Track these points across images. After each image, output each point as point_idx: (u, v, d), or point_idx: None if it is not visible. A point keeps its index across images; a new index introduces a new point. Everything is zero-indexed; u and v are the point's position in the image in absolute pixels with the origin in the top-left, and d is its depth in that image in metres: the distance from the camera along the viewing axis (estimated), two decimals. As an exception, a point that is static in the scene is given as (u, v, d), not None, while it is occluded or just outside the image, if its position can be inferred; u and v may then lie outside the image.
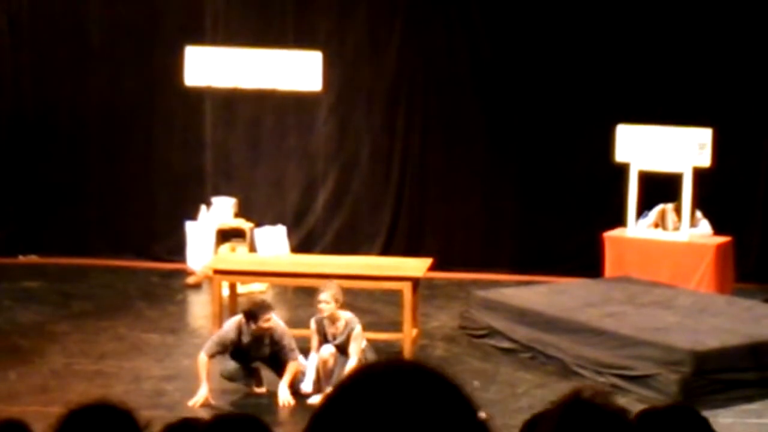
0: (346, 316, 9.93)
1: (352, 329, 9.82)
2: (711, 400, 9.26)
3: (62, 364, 10.60)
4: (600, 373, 10.33)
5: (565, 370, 10.63)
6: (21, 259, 14.71)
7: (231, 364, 9.83)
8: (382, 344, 10.90)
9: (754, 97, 13.93)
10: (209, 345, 9.71)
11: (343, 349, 9.80)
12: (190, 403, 9.50)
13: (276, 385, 9.72)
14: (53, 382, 10.09)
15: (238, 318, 9.83)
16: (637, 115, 13.35)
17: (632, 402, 9.09)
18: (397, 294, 11.11)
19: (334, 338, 9.85)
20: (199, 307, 12.97)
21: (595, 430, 3.37)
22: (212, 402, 9.56)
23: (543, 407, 5.99)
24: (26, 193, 14.79)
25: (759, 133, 14.00)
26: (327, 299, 9.82)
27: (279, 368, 9.77)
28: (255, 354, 9.77)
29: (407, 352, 10.83)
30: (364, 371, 1.79)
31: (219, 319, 11.12)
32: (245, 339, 9.70)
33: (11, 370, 10.31)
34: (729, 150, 13.38)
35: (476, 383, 10.36)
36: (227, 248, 13.77)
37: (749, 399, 9.40)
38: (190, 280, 13.70)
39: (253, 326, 9.66)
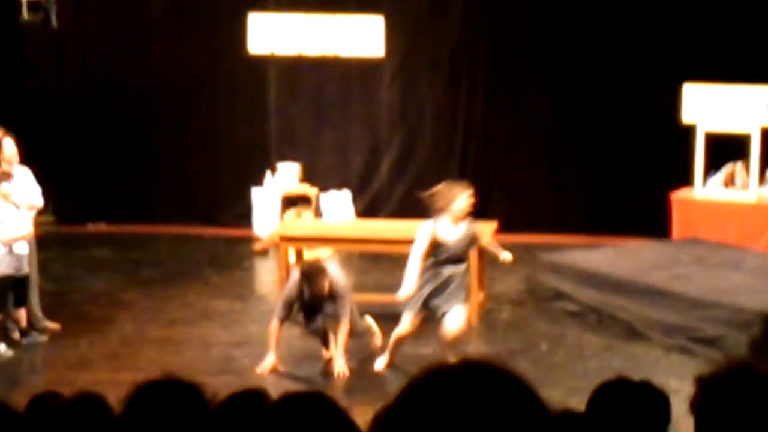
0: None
1: (475, 236, 9.41)
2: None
3: (132, 331, 10.72)
4: (668, 336, 10.28)
5: (632, 333, 10.58)
6: (90, 227, 14.87)
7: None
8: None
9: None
10: (278, 309, 9.69)
11: (457, 258, 9.33)
12: (259, 370, 9.56)
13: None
14: (123, 349, 10.21)
15: (297, 276, 9.74)
16: (704, 74, 13.17)
17: (701, 364, 9.04)
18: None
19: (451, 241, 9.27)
20: (266, 274, 13.05)
21: (755, 402, 3.35)
22: (280, 369, 9.61)
23: (610, 371, 5.94)
24: (94, 162, 14.93)
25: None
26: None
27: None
28: (316, 309, 9.61)
29: (474, 315, 10.82)
30: (434, 372, 1.77)
31: (285, 284, 11.18)
32: (306, 295, 9.55)
33: (82, 338, 10.45)
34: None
35: (543, 347, 10.34)
36: (293, 214, 13.83)
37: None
38: (257, 246, 13.78)
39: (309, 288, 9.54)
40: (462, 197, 9.33)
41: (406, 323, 9.35)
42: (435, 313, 9.25)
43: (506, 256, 9.56)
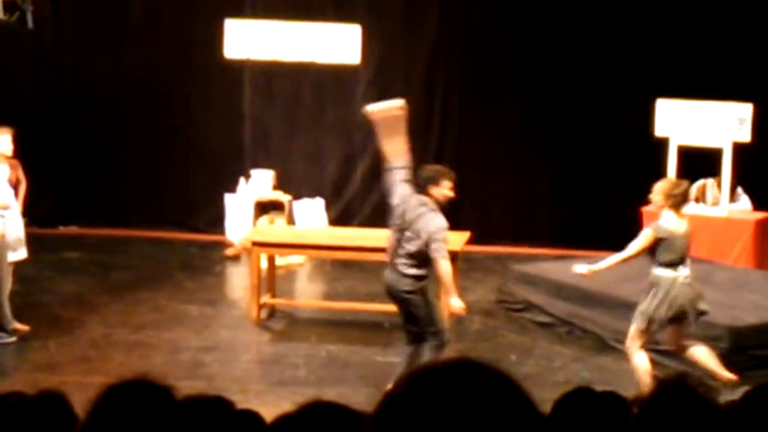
0: (665, 216, 9.09)
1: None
2: (748, 376, 9.20)
3: (101, 334, 10.68)
4: (637, 348, 10.29)
5: (602, 345, 10.61)
6: (61, 230, 14.81)
7: None
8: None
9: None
10: (443, 246, 8.72)
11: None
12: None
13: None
14: (93, 352, 10.16)
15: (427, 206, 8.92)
16: (676, 90, 13.25)
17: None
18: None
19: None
20: (238, 279, 13.02)
21: (687, 415, 3.40)
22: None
23: (579, 381, 5.96)
24: (66, 164, 14.87)
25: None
26: (656, 191, 9.18)
27: None
28: None
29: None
30: (425, 370, 1.78)
31: (257, 290, 11.17)
32: None
33: (51, 340, 10.39)
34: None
35: (513, 357, 10.36)
36: (266, 220, 13.81)
37: (787, 375, 9.32)
38: (229, 251, 13.75)
39: (434, 195, 8.83)
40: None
41: None
42: None
43: None
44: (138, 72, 14.72)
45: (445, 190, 8.99)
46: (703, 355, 9.14)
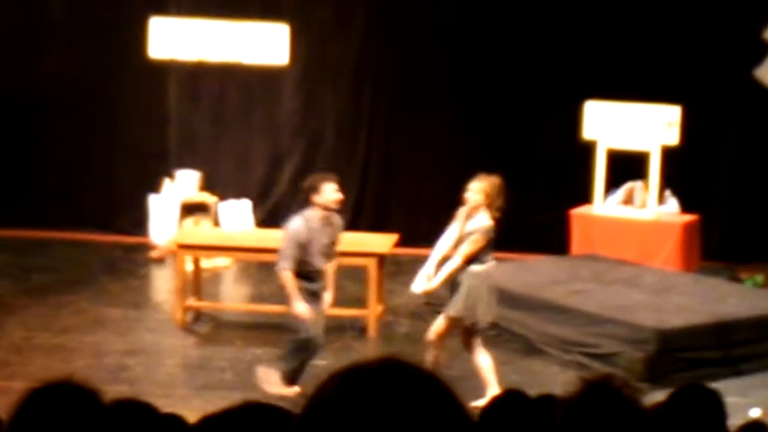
0: (483, 217, 9.35)
1: (474, 233, 9.31)
2: (675, 378, 9.34)
3: (22, 338, 10.58)
4: (565, 351, 10.41)
5: (530, 348, 10.70)
6: (-20, 231, 14.63)
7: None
8: (347, 320, 10.94)
9: (721, 75, 14.00)
10: (286, 256, 9.15)
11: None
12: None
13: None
14: (13, 356, 10.07)
15: (297, 216, 9.36)
16: (605, 92, 13.40)
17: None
18: (362, 270, 11.15)
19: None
20: (163, 282, 12.97)
21: (612, 416, 3.46)
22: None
23: (507, 385, 6.02)
24: (-14, 164, 14.70)
25: (726, 112, 14.09)
26: (476, 189, 9.35)
27: None
28: (324, 246, 9.27)
29: (372, 328, 10.89)
30: (352, 371, 1.79)
31: (182, 293, 11.13)
32: (314, 232, 9.19)
33: (-30, 345, 10.29)
34: (697, 128, 13.45)
35: (441, 360, 10.40)
36: (191, 222, 13.75)
37: (713, 377, 9.46)
38: (154, 254, 13.68)
39: (318, 204, 9.21)
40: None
41: None
42: None
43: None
44: (60, 70, 14.57)
45: (328, 194, 9.17)
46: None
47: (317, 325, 9.26)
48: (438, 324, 9.38)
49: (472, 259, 9.20)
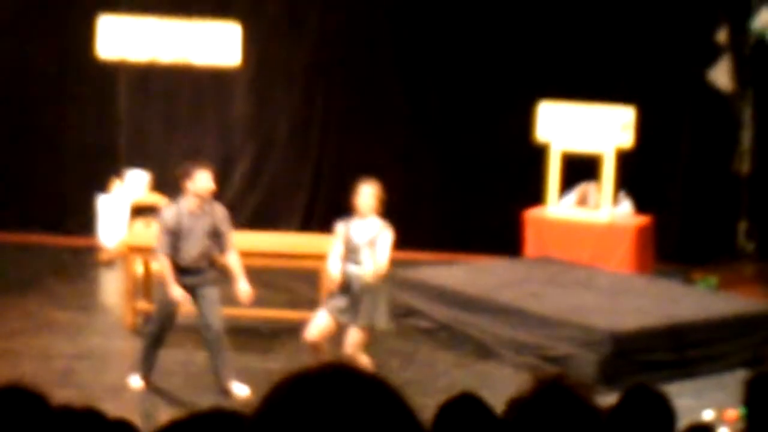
0: (377, 221, 9.38)
1: (380, 233, 9.30)
2: (628, 381, 9.38)
3: (-31, 342, 10.49)
4: (519, 353, 10.44)
5: (483, 350, 10.72)
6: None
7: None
8: (299, 323, 10.92)
9: (675, 77, 14.12)
10: (159, 242, 9.37)
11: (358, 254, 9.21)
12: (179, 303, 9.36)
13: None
14: (-41, 360, 9.98)
15: (172, 203, 9.59)
16: (558, 93, 13.46)
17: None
18: (315, 272, 11.13)
19: (359, 238, 9.27)
20: (112, 285, 12.89)
21: (567, 416, 3.48)
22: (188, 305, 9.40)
23: (461, 387, 6.05)
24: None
25: (679, 113, 14.21)
26: (368, 193, 9.34)
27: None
28: (197, 237, 9.32)
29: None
30: (297, 377, 1.79)
31: (132, 296, 11.08)
32: (185, 220, 9.28)
33: None
34: (651, 129, 13.55)
35: (395, 363, 10.42)
36: (142, 224, 13.68)
37: (667, 380, 9.54)
38: (103, 256, 13.60)
39: (190, 191, 9.28)
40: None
41: None
42: None
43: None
44: (6, 70, 14.46)
45: (200, 182, 9.20)
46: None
47: (208, 314, 9.35)
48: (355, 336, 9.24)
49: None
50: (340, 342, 9.32)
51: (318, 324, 9.25)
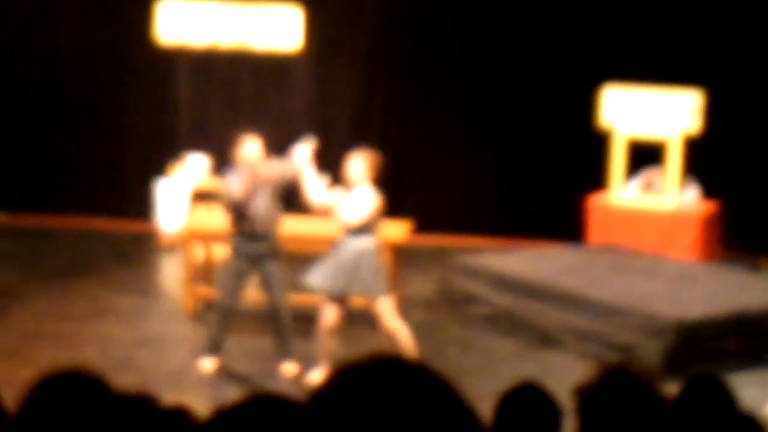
0: (367, 189, 9.46)
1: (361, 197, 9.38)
2: (694, 369, 9.34)
3: (30, 326, 10.62)
4: (582, 342, 10.42)
5: (545, 339, 10.71)
6: (-12, 218, 14.68)
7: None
8: (359, 310, 10.95)
9: (746, 60, 13.97)
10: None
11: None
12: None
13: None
14: (21, 344, 10.11)
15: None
16: (623, 77, 13.38)
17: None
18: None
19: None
20: (172, 270, 12.99)
21: (633, 404, 3.48)
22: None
23: (523, 376, 6.04)
24: (-6, 150, 14.75)
25: (749, 98, 14.06)
26: (355, 163, 9.43)
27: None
28: (259, 202, 9.62)
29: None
30: (346, 371, 1.82)
31: (192, 282, 11.16)
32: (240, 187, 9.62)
33: (-22, 333, 10.34)
34: (719, 114, 13.42)
35: (455, 350, 10.44)
36: (202, 209, 13.76)
37: (732, 369, 9.47)
38: (164, 241, 13.71)
39: (240, 159, 9.64)
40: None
41: None
42: None
43: None
44: (69, 56, 14.60)
45: (247, 150, 9.98)
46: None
47: (274, 295, 9.73)
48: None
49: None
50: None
51: (330, 314, 9.33)
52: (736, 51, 13.92)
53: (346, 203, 9.33)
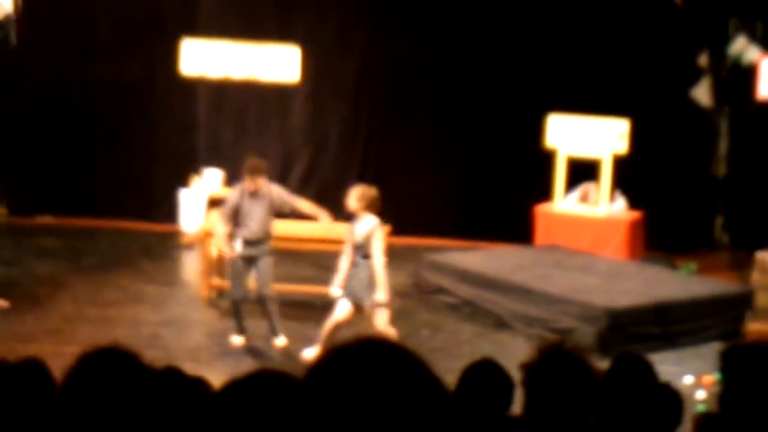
0: (369, 218, 9.08)
1: (372, 231, 9.03)
2: (621, 350, 9.37)
3: (72, 310, 10.59)
4: (529, 326, 10.43)
5: (500, 323, 10.72)
6: (38, 219, 14.64)
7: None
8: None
9: (663, 94, 14.04)
10: (222, 216, 9.75)
11: (362, 250, 9.06)
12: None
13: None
14: (64, 325, 10.09)
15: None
16: (565, 106, 13.45)
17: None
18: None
19: (357, 236, 9.08)
20: (191, 264, 12.97)
21: (568, 377, 3.49)
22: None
23: (481, 354, 6.04)
24: (43, 160, 14.71)
25: (666, 125, 14.14)
26: (352, 196, 9.13)
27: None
28: (256, 215, 9.53)
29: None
30: (338, 348, 1.82)
31: (207, 274, 11.15)
32: (246, 200, 9.55)
33: (28, 315, 10.30)
34: (642, 138, 13.49)
35: (425, 333, 10.44)
36: (216, 213, 13.75)
37: (653, 350, 9.51)
38: (184, 240, 13.69)
39: (248, 181, 9.56)
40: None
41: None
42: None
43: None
44: (106, 82, 14.58)
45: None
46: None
47: (262, 280, 9.66)
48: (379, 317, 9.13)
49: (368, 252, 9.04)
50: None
51: (344, 309, 9.25)
52: (655, 87, 14.01)
53: (358, 233, 9.15)
